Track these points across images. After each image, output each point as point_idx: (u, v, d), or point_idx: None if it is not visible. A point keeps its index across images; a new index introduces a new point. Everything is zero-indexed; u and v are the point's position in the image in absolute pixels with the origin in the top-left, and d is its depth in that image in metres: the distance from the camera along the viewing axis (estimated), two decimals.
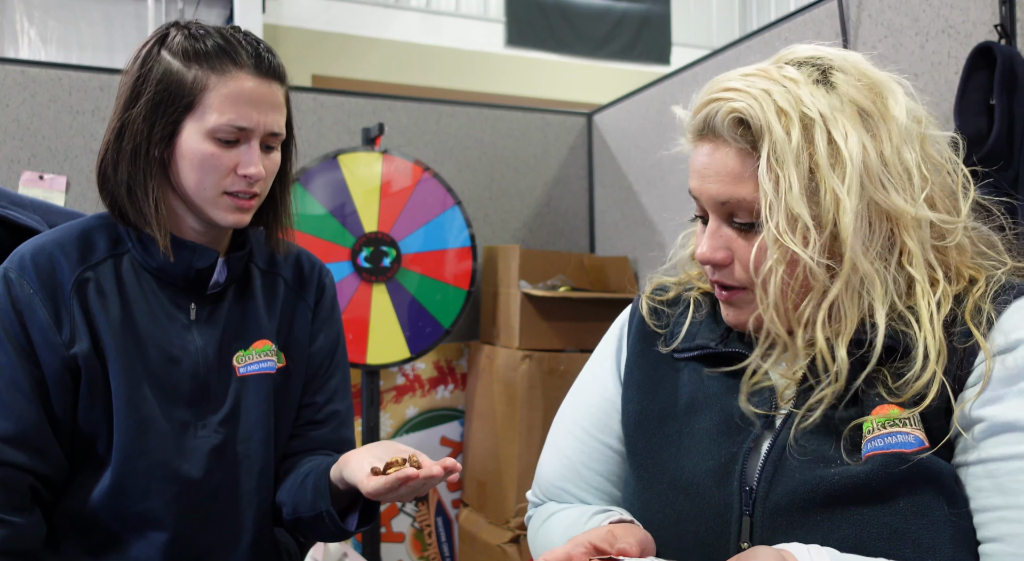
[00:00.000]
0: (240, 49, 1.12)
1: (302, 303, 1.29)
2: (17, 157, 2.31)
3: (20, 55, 4.80)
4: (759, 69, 0.90)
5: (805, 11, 1.98)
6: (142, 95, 1.11)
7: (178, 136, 1.11)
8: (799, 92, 0.85)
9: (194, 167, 1.11)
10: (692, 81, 2.40)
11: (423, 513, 2.75)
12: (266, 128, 1.13)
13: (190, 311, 1.19)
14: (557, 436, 1.09)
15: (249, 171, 1.12)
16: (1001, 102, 1.41)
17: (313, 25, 5.79)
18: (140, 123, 1.10)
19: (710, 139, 0.89)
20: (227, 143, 1.11)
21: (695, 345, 0.98)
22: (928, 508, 0.80)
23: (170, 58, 1.11)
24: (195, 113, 1.10)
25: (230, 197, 1.14)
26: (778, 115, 0.84)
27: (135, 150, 1.11)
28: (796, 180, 0.83)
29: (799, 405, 0.88)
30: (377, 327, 2.47)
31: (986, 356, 0.83)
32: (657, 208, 2.60)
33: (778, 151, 0.84)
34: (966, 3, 1.57)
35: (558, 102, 5.13)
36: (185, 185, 1.13)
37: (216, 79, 1.09)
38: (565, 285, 2.56)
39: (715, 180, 0.88)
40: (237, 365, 1.20)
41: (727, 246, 0.90)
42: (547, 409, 2.41)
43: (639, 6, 6.94)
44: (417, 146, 2.77)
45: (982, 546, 0.80)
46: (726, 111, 0.86)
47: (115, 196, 1.14)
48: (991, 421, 0.80)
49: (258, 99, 1.11)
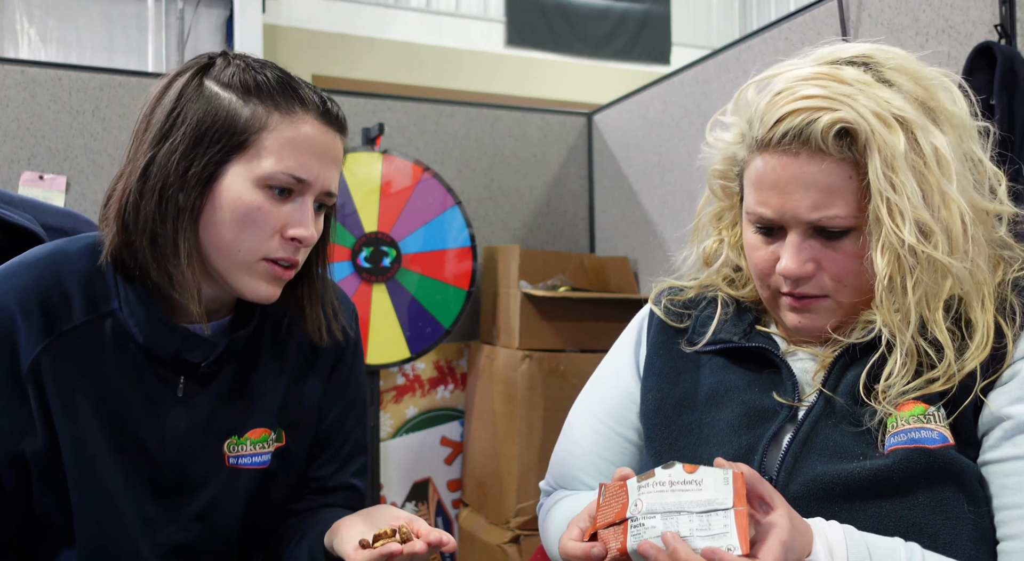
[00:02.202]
0: (305, 89, 0.97)
1: (314, 374, 1.10)
2: (17, 157, 2.31)
3: (20, 55, 4.80)
4: (820, 72, 0.87)
5: (805, 11, 1.98)
6: (177, 129, 0.92)
7: (217, 181, 0.92)
8: (881, 93, 0.84)
9: (234, 221, 0.92)
10: (692, 81, 2.40)
11: (423, 513, 2.74)
12: (324, 185, 0.97)
13: (178, 388, 1.00)
14: (573, 426, 1.09)
15: (300, 233, 0.94)
16: (1001, 102, 1.41)
17: (313, 25, 5.78)
18: (174, 162, 0.91)
19: (796, 150, 0.85)
20: (278, 196, 0.94)
21: (717, 339, 0.98)
22: (948, 504, 0.80)
23: (219, 89, 0.93)
24: (246, 155, 0.92)
25: (269, 264, 0.95)
26: (879, 120, 0.82)
27: (163, 193, 0.92)
28: (914, 185, 0.82)
29: (830, 386, 0.88)
30: (377, 327, 2.47)
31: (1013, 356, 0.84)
32: (657, 208, 2.60)
33: (889, 157, 0.82)
34: (966, 3, 1.57)
35: (558, 102, 5.13)
36: (217, 242, 0.93)
37: (279, 119, 0.93)
38: (565, 285, 2.56)
39: (808, 194, 0.85)
40: (228, 452, 1.03)
41: (813, 258, 0.88)
42: (547, 409, 2.41)
43: (639, 6, 6.94)
44: (417, 146, 2.77)
45: (1002, 544, 0.80)
46: (829, 122, 0.83)
47: (134, 248, 0.94)
48: (1018, 420, 0.81)
49: (322, 150, 0.96)
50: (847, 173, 0.84)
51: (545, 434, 2.39)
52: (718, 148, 0.98)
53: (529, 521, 2.40)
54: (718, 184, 1.00)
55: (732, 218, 1.02)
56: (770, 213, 0.88)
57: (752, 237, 0.93)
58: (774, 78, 0.90)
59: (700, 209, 1.05)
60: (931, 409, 0.83)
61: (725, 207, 1.02)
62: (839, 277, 0.88)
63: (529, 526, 2.41)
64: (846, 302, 0.89)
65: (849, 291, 0.89)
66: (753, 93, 0.92)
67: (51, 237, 1.23)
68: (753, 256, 0.93)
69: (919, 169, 0.83)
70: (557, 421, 1.16)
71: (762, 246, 0.91)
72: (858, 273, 0.88)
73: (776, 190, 0.87)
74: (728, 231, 1.03)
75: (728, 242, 1.02)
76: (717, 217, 1.04)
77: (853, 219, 0.85)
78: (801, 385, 0.92)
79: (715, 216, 1.04)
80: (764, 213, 0.88)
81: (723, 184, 1.00)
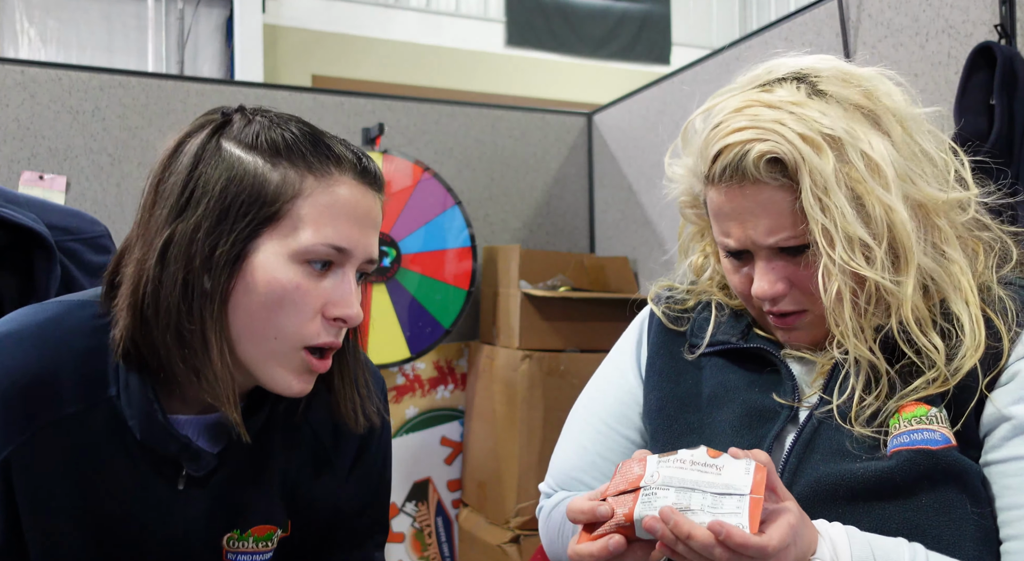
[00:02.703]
0: (338, 145, 0.85)
1: (333, 463, 0.97)
2: (17, 157, 2.31)
3: (20, 55, 4.80)
4: (750, 99, 0.88)
5: (805, 11, 1.98)
6: (198, 201, 0.79)
7: (247, 259, 0.80)
8: (809, 113, 0.85)
9: (269, 304, 0.80)
10: (692, 81, 2.40)
11: (423, 513, 2.75)
12: (367, 253, 0.85)
13: (180, 480, 0.88)
14: (574, 428, 1.09)
15: (346, 312, 0.82)
16: (1001, 102, 1.41)
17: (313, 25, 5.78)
18: (199, 241, 0.78)
19: (738, 182, 0.87)
20: (318, 271, 0.82)
21: (717, 341, 0.99)
22: (951, 505, 0.81)
23: (242, 152, 0.81)
24: (279, 227, 0.80)
25: (306, 353, 0.83)
26: (806, 144, 0.83)
27: (188, 279, 0.79)
28: (845, 203, 0.83)
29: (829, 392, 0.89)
30: (377, 327, 2.47)
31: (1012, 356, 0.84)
32: (657, 208, 2.60)
33: (819, 180, 0.83)
34: (966, 3, 1.57)
35: (558, 102, 5.13)
36: (247, 330, 0.81)
37: (314, 183, 0.81)
38: (565, 285, 2.56)
39: (759, 221, 0.87)
40: (227, 547, 0.91)
41: (783, 277, 0.89)
42: (547, 409, 2.41)
43: (639, 6, 6.94)
44: (417, 146, 2.77)
45: (1004, 544, 0.80)
46: (757, 154, 0.84)
47: (153, 343, 0.81)
48: (1019, 420, 0.81)
49: (362, 214, 0.84)
50: (787, 197, 0.85)
51: (545, 434, 2.39)
52: (677, 181, 1.00)
53: (529, 521, 2.40)
54: (690, 213, 1.03)
55: (712, 234, 1.03)
56: (733, 243, 0.90)
57: (726, 262, 0.95)
58: (714, 108, 0.92)
59: (680, 231, 1.07)
60: (933, 410, 0.83)
61: (704, 226, 1.04)
62: (809, 291, 0.88)
63: (529, 526, 2.41)
64: (847, 324, 0.89)
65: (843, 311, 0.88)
66: (700, 124, 0.94)
67: (55, 236, 1.23)
68: (732, 280, 0.95)
69: (853, 185, 0.83)
70: (557, 421, 1.16)
71: (736, 271, 0.94)
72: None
73: (732, 221, 0.89)
74: (712, 246, 1.04)
75: (714, 256, 1.04)
76: (699, 235, 1.06)
77: (806, 237, 0.86)
78: (801, 386, 0.92)
79: (697, 234, 1.06)
80: (728, 243, 0.91)
81: (694, 211, 1.02)
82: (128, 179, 2.42)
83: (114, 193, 2.41)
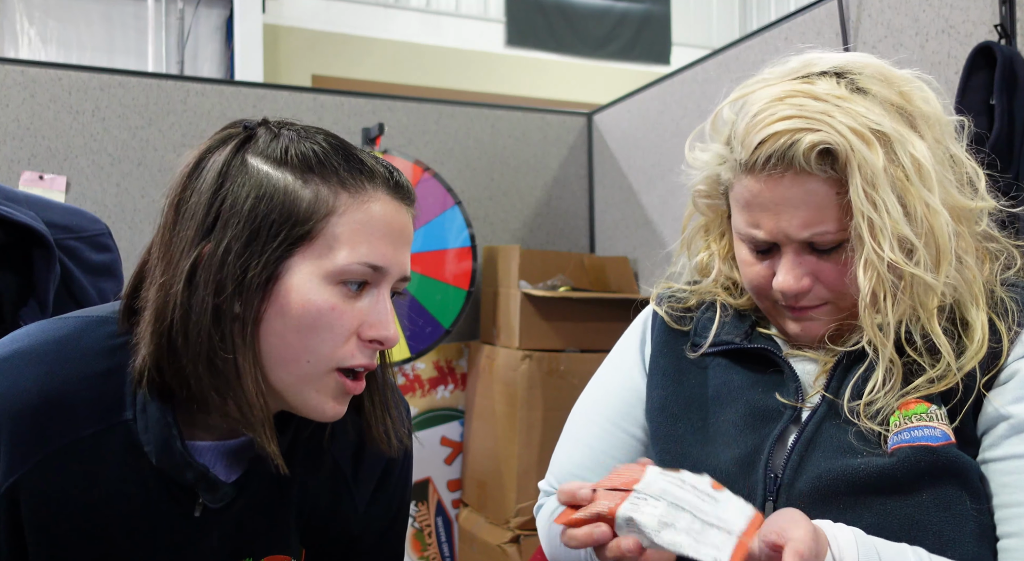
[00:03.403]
0: (370, 159, 0.82)
1: (353, 489, 0.93)
2: (17, 157, 2.31)
3: (20, 55, 4.80)
4: (792, 89, 0.87)
5: (805, 11, 1.98)
6: (226, 222, 0.75)
7: (278, 281, 0.76)
8: (855, 108, 0.84)
9: (303, 328, 0.76)
10: (692, 81, 2.40)
11: (423, 513, 2.75)
12: (402, 271, 0.82)
13: (195, 508, 0.84)
14: (578, 426, 1.08)
15: (382, 334, 0.79)
16: (1001, 102, 1.41)
17: (313, 25, 5.78)
18: (230, 264, 0.74)
19: (781, 172, 0.85)
20: (354, 292, 0.79)
21: (720, 341, 0.99)
22: (951, 502, 0.81)
23: (271, 168, 0.77)
24: (312, 247, 0.77)
25: (340, 375, 0.79)
26: (857, 137, 0.82)
27: (218, 306, 0.74)
28: (894, 200, 0.82)
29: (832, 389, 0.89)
30: None
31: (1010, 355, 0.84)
32: (657, 208, 2.60)
33: (868, 174, 0.82)
34: (966, 3, 1.57)
35: (558, 102, 5.13)
36: (279, 355, 0.77)
37: (348, 199, 0.78)
38: (565, 285, 2.56)
39: (796, 213, 0.86)
40: None
41: (809, 272, 0.89)
42: (547, 409, 2.41)
43: (639, 6, 6.94)
44: (417, 146, 2.77)
45: (1001, 541, 0.81)
46: (809, 144, 0.82)
47: (185, 373, 0.77)
48: (1018, 419, 0.82)
49: (397, 231, 0.81)
50: (832, 190, 0.84)
51: (545, 434, 2.39)
52: (698, 168, 0.98)
53: (529, 521, 2.40)
54: (703, 203, 1.01)
55: (720, 230, 1.03)
56: (763, 234, 0.89)
57: (746, 255, 0.93)
58: (748, 97, 0.90)
59: (685, 222, 1.06)
60: (932, 407, 0.84)
61: (712, 220, 1.03)
62: (836, 287, 0.88)
63: (529, 526, 2.41)
64: (846, 305, 0.90)
65: (848, 297, 0.89)
66: (729, 113, 0.93)
67: (55, 234, 1.23)
68: (748, 272, 0.94)
69: (900, 183, 0.83)
70: (557, 421, 1.16)
71: (756, 263, 0.92)
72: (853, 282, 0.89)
73: (766, 212, 0.87)
74: (717, 243, 1.03)
75: (719, 254, 1.03)
76: (704, 229, 1.05)
77: (843, 233, 0.86)
78: (804, 386, 0.92)
79: (702, 228, 1.05)
80: (756, 234, 0.89)
81: (708, 202, 1.00)
82: (128, 179, 2.42)
83: (114, 193, 2.41)
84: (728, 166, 0.91)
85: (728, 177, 0.92)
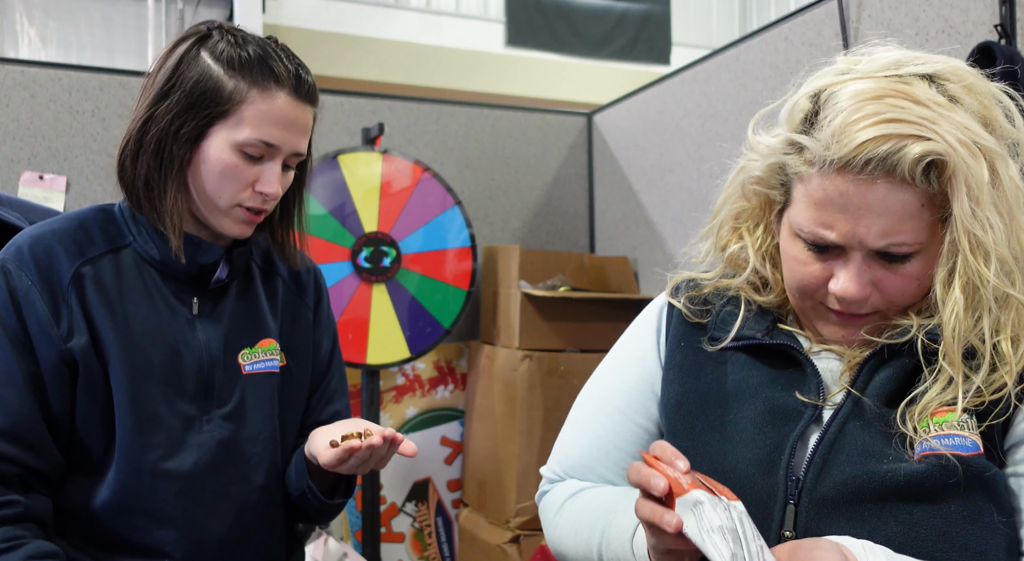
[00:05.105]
0: (282, 66, 1.12)
1: (302, 305, 1.29)
2: (17, 157, 2.31)
3: (20, 55, 4.80)
4: (889, 88, 0.81)
5: (805, 11, 1.98)
6: (174, 92, 1.10)
7: (203, 140, 1.11)
8: (958, 118, 0.80)
9: (214, 174, 1.11)
10: (692, 81, 2.40)
11: (423, 513, 2.75)
12: (292, 149, 1.14)
13: (193, 306, 1.17)
14: (585, 414, 1.06)
15: (267, 190, 1.13)
16: None
17: (313, 25, 5.79)
18: (168, 120, 1.10)
19: (876, 177, 0.80)
20: (252, 158, 1.12)
21: (741, 335, 0.96)
22: (980, 513, 0.79)
23: (211, 61, 1.11)
24: (227, 122, 1.10)
25: (242, 209, 1.15)
26: (967, 151, 0.79)
27: (158, 145, 1.11)
28: (997, 219, 0.79)
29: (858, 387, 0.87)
30: (377, 327, 2.47)
31: None
32: (657, 208, 2.60)
33: (973, 190, 0.78)
34: (966, 3, 1.57)
35: (558, 102, 5.13)
36: (200, 189, 1.13)
37: (256, 94, 1.10)
38: (565, 285, 2.56)
39: (879, 221, 0.81)
40: (243, 362, 1.20)
41: (872, 281, 0.86)
42: (547, 409, 2.41)
43: (639, 6, 6.95)
44: (417, 146, 2.77)
45: None
46: (920, 153, 0.78)
47: (132, 187, 1.15)
48: None
49: (291, 121, 1.12)
50: (919, 202, 0.80)
51: (545, 434, 2.39)
52: (761, 154, 0.91)
53: (529, 521, 2.40)
54: (753, 189, 0.95)
55: (756, 220, 0.98)
56: (834, 236, 0.84)
57: (801, 252, 0.88)
58: (834, 88, 0.85)
59: (720, 205, 1.01)
60: (964, 416, 0.82)
61: (750, 208, 0.97)
62: (894, 298, 0.86)
63: (529, 526, 2.41)
64: (892, 315, 0.88)
65: (899, 308, 0.87)
66: (808, 102, 0.86)
67: None
68: (800, 270, 0.89)
69: (1000, 202, 0.80)
70: (557, 421, 1.15)
71: (812, 262, 0.87)
72: (914, 294, 0.86)
73: (844, 214, 0.82)
74: (750, 234, 0.98)
75: (752, 247, 0.98)
76: (735, 216, 0.99)
77: (919, 245, 0.83)
78: (826, 385, 0.90)
79: (734, 214, 0.99)
80: (826, 235, 0.84)
81: (759, 190, 0.94)
82: None
83: (114, 193, 2.40)
84: (805, 158, 0.85)
85: (801, 170, 0.86)
